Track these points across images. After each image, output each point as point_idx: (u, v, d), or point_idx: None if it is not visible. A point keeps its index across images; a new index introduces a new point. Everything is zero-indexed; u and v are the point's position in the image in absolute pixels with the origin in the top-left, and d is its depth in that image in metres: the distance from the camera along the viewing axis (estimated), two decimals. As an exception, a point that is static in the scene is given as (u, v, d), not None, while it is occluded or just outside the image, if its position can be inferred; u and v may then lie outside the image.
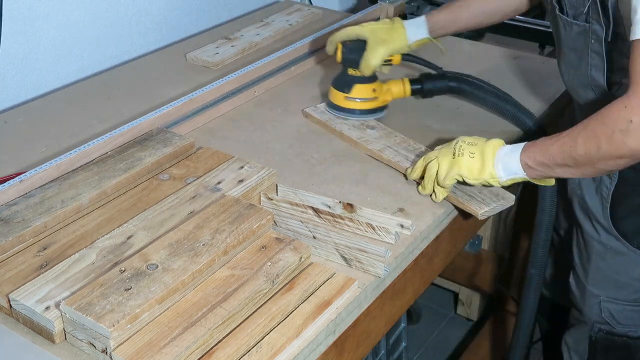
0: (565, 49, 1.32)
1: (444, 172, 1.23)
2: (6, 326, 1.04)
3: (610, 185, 1.32)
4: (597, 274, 1.40)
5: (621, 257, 1.35)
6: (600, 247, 1.37)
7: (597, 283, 1.41)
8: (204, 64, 1.81)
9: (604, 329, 1.43)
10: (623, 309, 1.39)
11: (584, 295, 1.44)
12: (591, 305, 1.42)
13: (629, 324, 1.41)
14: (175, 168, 1.33)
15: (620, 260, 1.36)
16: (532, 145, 1.20)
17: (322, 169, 1.40)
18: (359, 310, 1.12)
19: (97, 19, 1.80)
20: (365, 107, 1.51)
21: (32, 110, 1.62)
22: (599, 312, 1.41)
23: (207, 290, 1.04)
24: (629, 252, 1.34)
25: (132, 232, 1.14)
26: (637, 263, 1.34)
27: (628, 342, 1.42)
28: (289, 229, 1.21)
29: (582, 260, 1.43)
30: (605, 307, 1.40)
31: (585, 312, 1.44)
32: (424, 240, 1.24)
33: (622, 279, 1.37)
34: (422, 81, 1.54)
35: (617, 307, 1.40)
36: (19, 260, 1.11)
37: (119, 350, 0.94)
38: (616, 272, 1.37)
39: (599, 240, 1.37)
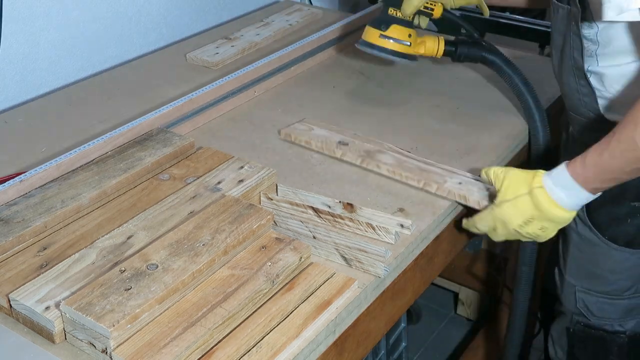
0: (554, 32, 1.34)
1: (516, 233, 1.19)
2: (6, 326, 1.04)
3: None
4: (574, 264, 1.42)
5: (594, 248, 1.36)
6: (577, 237, 1.39)
7: (573, 273, 1.43)
8: (204, 64, 1.81)
9: (581, 322, 1.44)
10: (597, 300, 1.40)
11: (562, 285, 1.46)
12: (568, 295, 1.44)
13: (604, 316, 1.41)
14: (175, 168, 1.33)
15: (594, 251, 1.37)
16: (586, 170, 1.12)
17: (322, 169, 1.40)
18: (359, 310, 1.12)
19: (97, 19, 1.80)
20: (398, 49, 1.47)
21: (32, 110, 1.62)
22: (574, 303, 1.43)
23: (207, 290, 1.04)
24: (601, 244, 1.35)
25: (132, 232, 1.14)
26: (609, 255, 1.35)
27: (604, 335, 1.43)
28: (289, 229, 1.21)
29: (563, 250, 1.45)
30: (580, 298, 1.42)
31: (564, 303, 1.46)
32: (424, 240, 1.24)
33: (596, 270, 1.38)
34: (456, 44, 1.50)
35: (591, 299, 1.41)
36: (19, 260, 1.11)
37: (119, 350, 0.94)
38: (591, 263, 1.39)
39: (576, 230, 1.39)
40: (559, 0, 1.28)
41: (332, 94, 1.68)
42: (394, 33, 1.47)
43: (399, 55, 1.48)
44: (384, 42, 1.47)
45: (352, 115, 1.58)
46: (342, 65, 1.83)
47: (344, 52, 1.89)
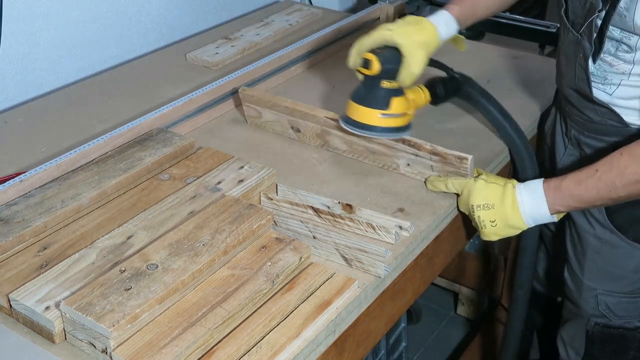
0: (561, 53, 1.34)
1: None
2: (6, 326, 1.04)
3: None
4: (593, 268, 1.41)
5: (616, 249, 1.36)
6: (595, 240, 1.38)
7: (593, 276, 1.41)
8: (204, 64, 1.81)
9: (600, 322, 1.43)
10: (619, 301, 1.40)
11: (580, 289, 1.44)
12: (587, 298, 1.43)
13: (625, 315, 1.41)
14: (175, 168, 1.33)
15: (615, 253, 1.36)
16: (557, 194, 1.21)
17: (322, 168, 1.40)
18: (359, 310, 1.12)
19: (97, 19, 1.80)
20: (402, 123, 1.31)
21: (32, 110, 1.62)
22: (596, 306, 1.42)
23: (207, 290, 1.04)
24: (623, 245, 1.34)
25: (132, 232, 1.14)
26: (632, 255, 1.35)
27: (624, 333, 1.42)
28: (289, 229, 1.21)
29: (577, 255, 1.43)
30: (602, 300, 1.41)
31: (581, 306, 1.45)
32: (424, 240, 1.24)
33: (617, 271, 1.37)
34: (435, 86, 1.39)
35: (613, 300, 1.40)
36: (19, 260, 1.11)
37: (119, 350, 0.94)
38: (611, 265, 1.38)
39: (594, 234, 1.37)
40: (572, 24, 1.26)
41: (332, 94, 1.68)
42: (397, 108, 1.30)
43: (405, 129, 1.32)
44: (387, 122, 1.29)
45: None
46: (342, 65, 1.82)
47: (343, 52, 1.89)
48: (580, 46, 1.25)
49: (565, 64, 1.32)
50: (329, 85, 1.72)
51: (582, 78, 1.27)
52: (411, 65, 1.27)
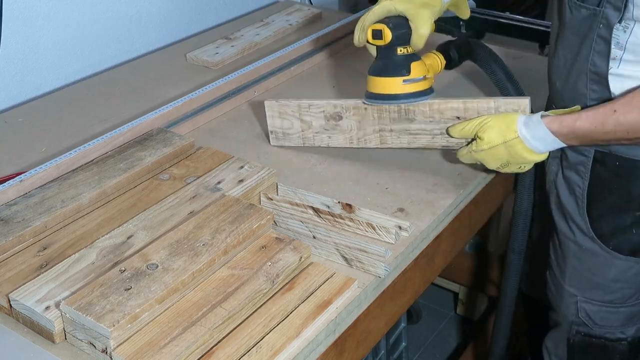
0: (569, 32, 1.30)
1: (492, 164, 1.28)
2: (6, 326, 1.04)
3: (583, 185, 1.31)
4: (574, 274, 1.40)
5: (596, 258, 1.34)
6: (576, 247, 1.37)
7: (573, 283, 1.40)
8: (204, 64, 1.81)
9: (581, 331, 1.42)
10: (599, 309, 1.39)
11: (561, 295, 1.43)
12: (568, 304, 1.42)
13: (605, 325, 1.40)
14: (175, 168, 1.33)
15: (596, 261, 1.35)
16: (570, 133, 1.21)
17: (322, 168, 1.40)
18: (359, 310, 1.12)
19: (97, 19, 1.80)
20: (424, 87, 1.31)
21: (32, 110, 1.62)
22: (576, 313, 1.41)
23: (207, 290, 1.04)
24: (604, 254, 1.33)
25: (132, 232, 1.14)
26: (612, 264, 1.33)
27: (605, 344, 1.41)
28: (289, 229, 1.21)
29: (558, 259, 1.43)
30: (582, 307, 1.40)
31: (562, 312, 1.44)
32: (424, 240, 1.24)
33: (597, 279, 1.36)
34: (448, 50, 1.38)
35: (593, 308, 1.39)
36: (19, 260, 1.11)
37: (119, 350, 0.94)
38: (592, 273, 1.36)
39: (575, 240, 1.36)
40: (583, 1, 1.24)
41: (332, 94, 1.68)
42: (417, 72, 1.30)
43: (427, 93, 1.32)
44: (411, 87, 1.30)
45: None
46: (342, 65, 1.83)
47: (343, 52, 1.89)
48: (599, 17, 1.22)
49: (577, 43, 1.28)
50: (329, 85, 1.72)
51: (601, 50, 1.24)
52: (419, 27, 1.27)
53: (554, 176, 1.38)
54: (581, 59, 1.28)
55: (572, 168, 1.32)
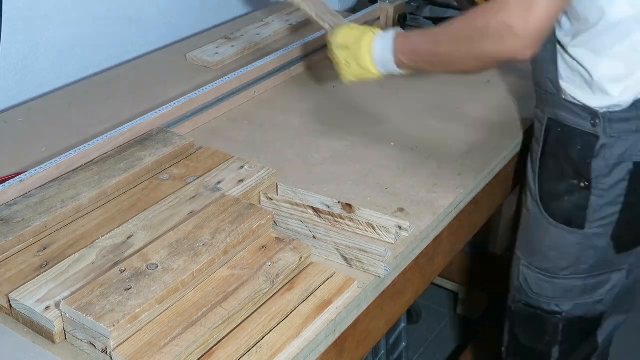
0: None
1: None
2: (6, 326, 1.04)
3: (538, 151, 1.35)
4: (522, 238, 1.44)
5: (537, 222, 1.38)
6: (526, 211, 1.41)
7: (520, 247, 1.45)
8: (204, 64, 1.81)
9: (521, 299, 1.45)
10: (536, 276, 1.41)
11: (512, 259, 1.48)
12: (514, 268, 1.46)
13: (541, 294, 1.42)
14: (175, 168, 1.33)
15: (535, 225, 1.38)
16: (403, 40, 1.26)
17: (322, 169, 1.40)
18: (359, 310, 1.12)
19: (97, 19, 1.80)
20: None
21: (32, 110, 1.62)
22: (518, 276, 1.45)
23: (207, 290, 1.04)
24: (542, 219, 1.36)
25: (132, 232, 1.14)
26: (548, 231, 1.36)
27: (540, 314, 1.43)
28: (289, 229, 1.21)
29: (517, 225, 1.48)
30: (522, 272, 1.43)
31: (511, 275, 1.48)
32: (424, 240, 1.24)
33: (537, 245, 1.39)
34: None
35: (531, 274, 1.42)
36: (19, 260, 1.11)
37: (119, 350, 0.94)
38: (532, 238, 1.41)
39: (526, 205, 1.41)
40: None
41: (332, 94, 1.68)
42: None
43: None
44: None
45: (351, 114, 1.58)
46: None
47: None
48: None
49: None
50: (328, 85, 1.72)
51: None
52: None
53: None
54: None
55: (535, 137, 1.37)
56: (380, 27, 2.03)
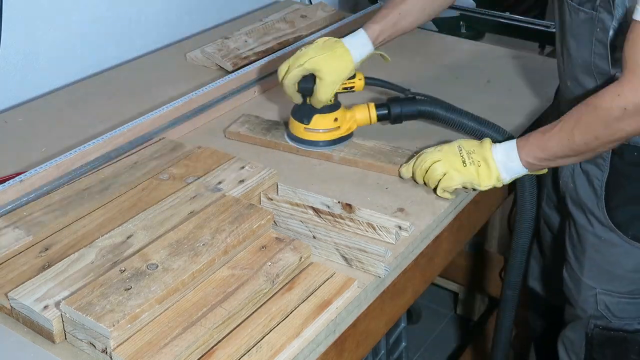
0: (569, 35, 1.31)
1: (457, 180, 1.28)
2: (6, 326, 1.04)
3: (602, 177, 1.32)
4: (592, 266, 1.40)
5: (615, 248, 1.35)
6: (595, 239, 1.37)
7: (592, 275, 1.40)
8: (204, 63, 1.81)
9: (599, 324, 1.42)
10: (618, 301, 1.39)
11: (579, 289, 1.43)
12: (587, 298, 1.42)
13: (625, 317, 1.40)
14: (174, 168, 1.33)
15: (615, 251, 1.35)
16: (526, 143, 1.26)
17: (322, 169, 1.40)
18: (359, 310, 1.12)
19: (97, 19, 1.80)
20: (328, 138, 1.42)
21: (32, 110, 1.62)
22: (595, 305, 1.41)
23: (207, 290, 1.04)
24: (623, 244, 1.34)
25: (132, 231, 1.14)
26: (631, 254, 1.34)
27: (624, 336, 1.41)
28: (289, 229, 1.21)
29: (576, 253, 1.43)
30: (601, 300, 1.40)
31: (580, 306, 1.44)
32: (424, 240, 1.24)
33: (616, 270, 1.37)
34: (389, 106, 1.42)
35: (612, 300, 1.39)
36: (20, 261, 1.11)
37: (119, 350, 0.94)
38: (610, 264, 1.37)
39: (593, 232, 1.37)
40: (580, 4, 1.25)
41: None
42: (318, 124, 1.41)
43: (330, 143, 1.42)
44: (312, 135, 1.42)
45: (352, 115, 1.58)
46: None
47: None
48: (595, 21, 1.23)
49: (576, 47, 1.29)
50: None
51: (602, 54, 1.24)
52: (319, 93, 1.37)
53: (571, 171, 1.39)
54: (584, 62, 1.29)
55: (590, 161, 1.33)
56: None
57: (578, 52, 1.30)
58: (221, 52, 1.80)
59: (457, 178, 1.28)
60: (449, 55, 1.90)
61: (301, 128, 1.42)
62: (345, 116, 1.43)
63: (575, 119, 1.20)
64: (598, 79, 1.28)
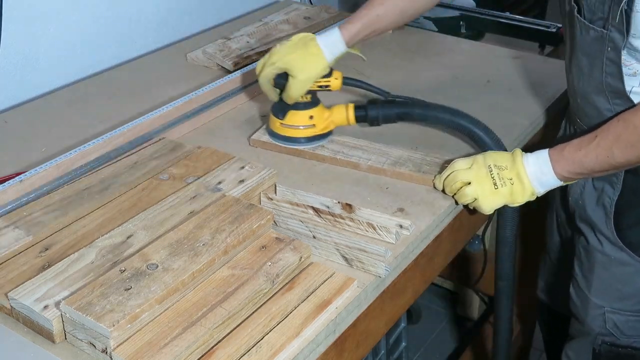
0: (579, 52, 1.29)
1: (489, 205, 1.25)
2: (6, 326, 1.04)
3: (614, 196, 1.31)
4: (601, 285, 1.38)
5: (626, 267, 1.33)
6: (604, 258, 1.36)
7: (600, 294, 1.39)
8: (204, 63, 1.81)
9: (607, 341, 1.41)
10: (627, 319, 1.37)
11: (586, 307, 1.41)
12: (595, 316, 1.40)
13: (633, 334, 1.39)
14: (174, 168, 1.33)
15: (625, 270, 1.34)
16: (561, 157, 1.23)
17: (322, 169, 1.40)
18: (359, 310, 1.12)
19: (98, 19, 1.80)
20: (302, 135, 1.42)
21: (32, 110, 1.62)
22: (603, 324, 1.39)
23: (207, 290, 1.04)
24: (634, 263, 1.32)
25: (132, 231, 1.14)
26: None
27: (632, 352, 1.40)
28: (289, 229, 1.21)
29: (584, 271, 1.41)
30: (610, 318, 1.38)
31: (588, 323, 1.42)
32: (424, 240, 1.24)
33: (626, 289, 1.35)
34: (366, 108, 1.41)
35: (621, 318, 1.38)
36: (20, 261, 1.11)
37: (119, 350, 0.94)
38: (620, 283, 1.35)
39: (602, 251, 1.35)
40: (591, 22, 1.24)
41: (331, 94, 1.68)
42: (293, 120, 1.41)
43: (304, 141, 1.42)
44: (287, 131, 1.42)
45: (352, 115, 1.58)
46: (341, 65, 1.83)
47: (344, 52, 1.89)
48: (606, 40, 1.21)
49: (588, 64, 1.28)
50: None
51: (613, 72, 1.23)
52: (290, 90, 1.37)
53: (581, 189, 1.38)
54: (595, 80, 1.27)
55: (603, 179, 1.32)
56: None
57: (589, 69, 1.28)
58: (222, 52, 1.81)
59: (488, 204, 1.25)
60: (449, 55, 1.90)
61: (277, 123, 1.43)
62: (322, 115, 1.42)
63: (613, 136, 1.18)
64: (610, 97, 1.27)
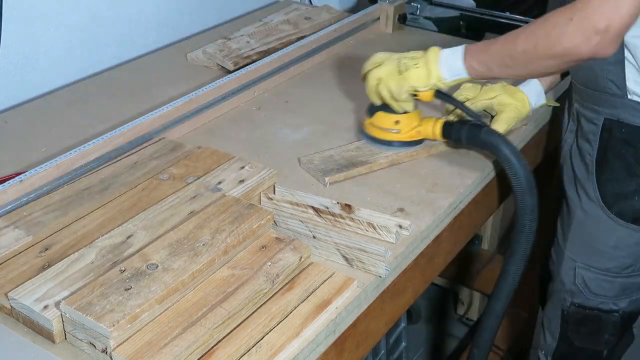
0: None
1: (396, 90, 1.31)
2: (6, 326, 1.04)
3: (592, 152, 1.34)
4: (576, 240, 1.42)
5: (599, 224, 1.37)
6: (581, 213, 1.39)
7: (574, 249, 1.43)
8: (204, 63, 1.81)
9: (576, 302, 1.44)
10: (596, 277, 1.41)
11: (561, 261, 1.46)
12: (566, 271, 1.44)
13: (600, 294, 1.42)
14: (174, 168, 1.33)
15: (598, 227, 1.37)
16: (473, 47, 1.27)
17: (322, 168, 1.40)
18: (359, 310, 1.12)
19: (98, 19, 1.80)
20: (384, 137, 1.40)
21: (32, 110, 1.62)
22: (573, 279, 1.43)
23: (207, 290, 1.04)
24: (607, 219, 1.35)
25: (132, 231, 1.14)
26: (613, 231, 1.36)
27: (599, 315, 1.43)
28: (289, 229, 1.21)
29: (563, 227, 1.45)
30: (580, 274, 1.42)
31: (560, 278, 1.46)
32: (424, 239, 1.24)
33: (598, 246, 1.39)
34: (453, 127, 1.35)
35: (590, 275, 1.41)
36: (20, 261, 1.11)
37: (119, 350, 0.94)
38: (593, 239, 1.39)
39: (581, 206, 1.39)
40: None
41: (332, 94, 1.68)
42: (378, 121, 1.40)
43: (389, 144, 1.40)
44: (372, 131, 1.42)
45: (351, 114, 1.58)
46: (342, 65, 1.83)
47: (343, 52, 1.89)
48: None
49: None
50: (329, 85, 1.72)
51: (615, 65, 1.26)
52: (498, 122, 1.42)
53: (569, 147, 1.41)
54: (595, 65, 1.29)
55: (584, 137, 1.35)
56: (380, 27, 2.04)
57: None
58: (222, 52, 1.81)
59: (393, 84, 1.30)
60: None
61: (367, 121, 1.44)
62: (410, 123, 1.39)
63: (524, 28, 1.19)
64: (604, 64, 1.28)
